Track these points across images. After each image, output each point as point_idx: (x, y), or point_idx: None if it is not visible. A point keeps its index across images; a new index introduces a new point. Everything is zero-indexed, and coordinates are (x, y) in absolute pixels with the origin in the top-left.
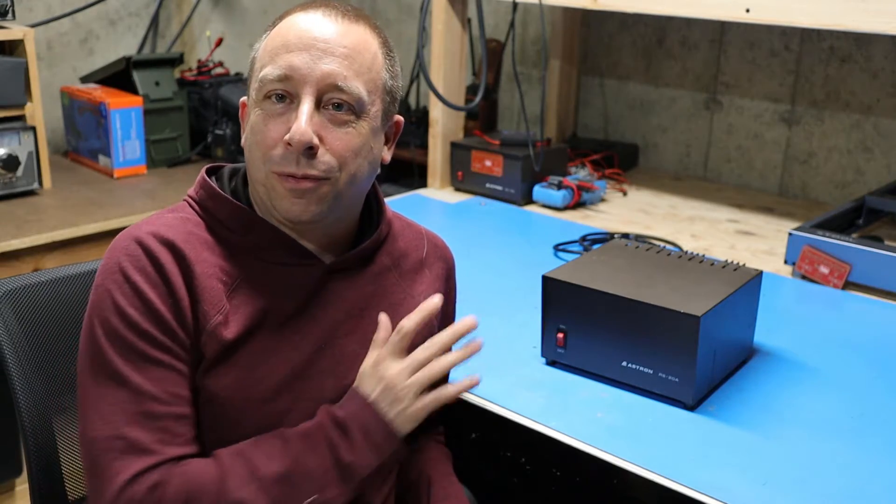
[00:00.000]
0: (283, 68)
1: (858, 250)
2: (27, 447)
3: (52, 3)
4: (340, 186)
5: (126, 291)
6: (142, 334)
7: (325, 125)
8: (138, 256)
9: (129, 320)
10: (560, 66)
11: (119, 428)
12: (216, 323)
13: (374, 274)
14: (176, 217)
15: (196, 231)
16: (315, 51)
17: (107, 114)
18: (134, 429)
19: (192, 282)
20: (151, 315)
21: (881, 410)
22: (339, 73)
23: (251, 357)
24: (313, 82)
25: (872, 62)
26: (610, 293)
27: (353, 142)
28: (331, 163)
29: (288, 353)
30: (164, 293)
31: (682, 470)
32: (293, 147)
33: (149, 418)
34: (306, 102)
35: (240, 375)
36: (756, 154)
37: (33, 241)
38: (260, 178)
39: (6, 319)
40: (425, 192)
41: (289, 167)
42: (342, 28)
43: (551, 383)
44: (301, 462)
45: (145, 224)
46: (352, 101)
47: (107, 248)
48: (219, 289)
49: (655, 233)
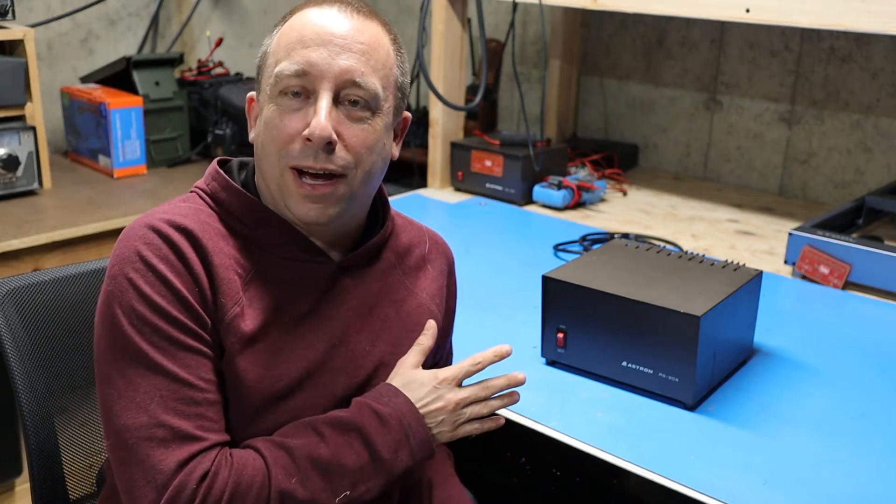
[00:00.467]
0: (300, 63)
1: (858, 250)
2: (28, 446)
3: (52, 3)
4: (356, 185)
5: (150, 279)
6: (172, 321)
7: (342, 121)
8: (158, 245)
9: (158, 308)
10: (560, 66)
11: (157, 416)
12: (234, 315)
13: (380, 271)
14: (189, 207)
15: (210, 221)
16: (333, 46)
17: (107, 114)
18: (172, 416)
19: (212, 272)
20: (180, 302)
21: (881, 410)
22: (357, 68)
23: (268, 354)
24: (331, 78)
25: (872, 62)
26: (610, 293)
27: (369, 138)
28: (347, 159)
29: (304, 351)
30: (189, 281)
31: (682, 470)
32: (313, 142)
33: (188, 404)
34: (325, 98)
35: (259, 371)
36: (756, 154)
37: (33, 241)
38: (275, 175)
39: (9, 319)
40: (425, 192)
41: (307, 161)
42: (358, 24)
43: (551, 383)
44: (339, 455)
45: (159, 212)
46: (368, 97)
47: (119, 238)
48: (235, 280)
49: (655, 233)
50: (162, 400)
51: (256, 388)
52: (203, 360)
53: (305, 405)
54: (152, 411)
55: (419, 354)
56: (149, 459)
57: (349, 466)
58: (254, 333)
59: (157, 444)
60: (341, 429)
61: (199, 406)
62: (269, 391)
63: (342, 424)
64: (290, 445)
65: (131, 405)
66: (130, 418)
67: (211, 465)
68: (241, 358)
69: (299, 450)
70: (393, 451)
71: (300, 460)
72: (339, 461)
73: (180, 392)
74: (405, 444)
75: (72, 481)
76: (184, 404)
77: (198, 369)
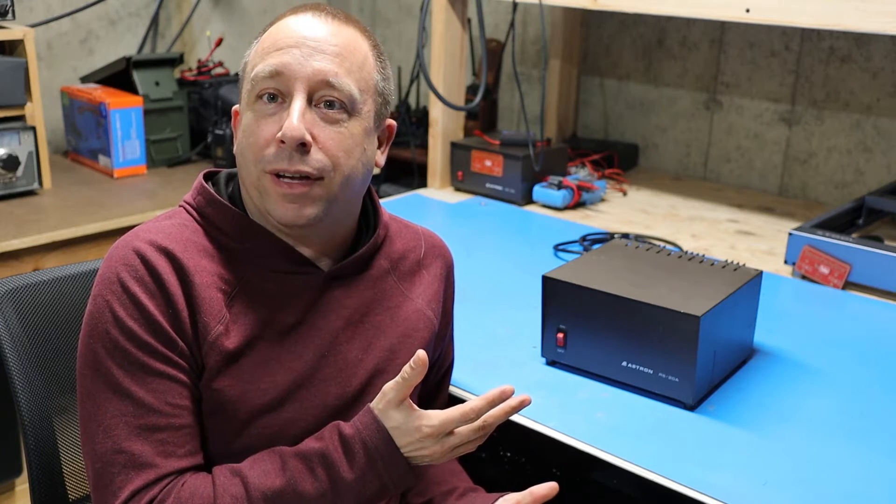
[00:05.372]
0: (273, 66)
1: (858, 250)
2: (28, 447)
3: (52, 3)
4: (335, 188)
5: (125, 303)
6: (142, 346)
7: (317, 123)
8: (136, 266)
9: (129, 332)
10: (560, 66)
11: (120, 442)
12: (217, 333)
13: (372, 278)
14: (173, 224)
15: (194, 238)
16: (306, 48)
17: (107, 114)
18: (136, 442)
19: (192, 292)
20: (150, 326)
21: (881, 410)
22: (331, 69)
23: (253, 367)
24: (304, 79)
25: (872, 62)
26: (610, 293)
27: (346, 141)
28: (324, 161)
29: (290, 363)
30: (162, 304)
31: (682, 470)
32: (286, 144)
33: (150, 430)
34: (298, 99)
35: (243, 386)
36: (756, 154)
37: (33, 241)
38: (252, 181)
39: (8, 319)
40: (425, 192)
41: (281, 164)
42: (332, 28)
43: (551, 383)
44: (296, 483)
45: (143, 232)
46: (343, 98)
47: (105, 255)
48: (218, 298)
49: (655, 233)
50: (126, 425)
51: (242, 402)
52: (172, 384)
53: (296, 416)
54: (116, 436)
55: (403, 389)
56: (110, 486)
57: (308, 494)
58: (239, 349)
59: (119, 471)
60: (305, 456)
61: (162, 432)
62: (256, 404)
63: (307, 453)
64: (246, 474)
65: (99, 430)
66: (98, 442)
67: (159, 492)
68: (226, 375)
69: (254, 479)
70: (359, 477)
71: (252, 490)
72: (295, 489)
73: (144, 418)
74: (367, 465)
75: (71, 481)
76: (147, 430)
77: (165, 394)
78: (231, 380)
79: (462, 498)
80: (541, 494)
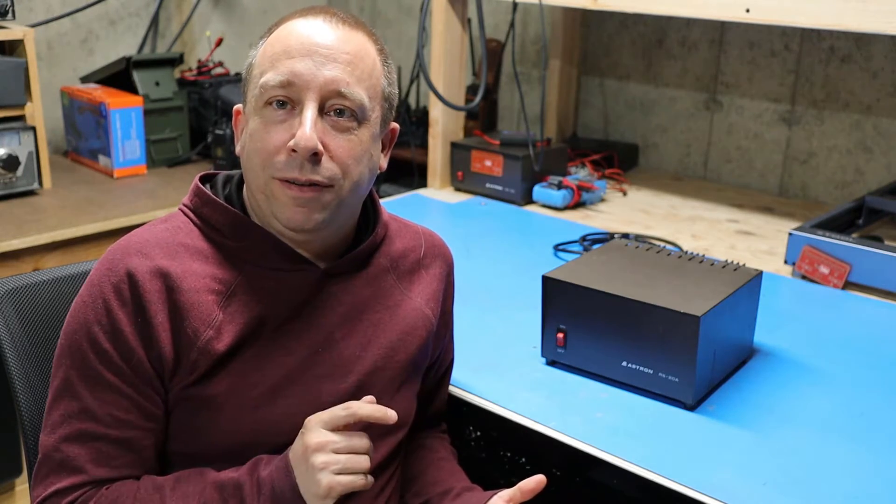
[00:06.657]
0: (285, 74)
1: (858, 250)
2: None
3: (52, 3)
4: (344, 194)
5: (98, 308)
6: (99, 353)
7: (327, 132)
8: (116, 272)
9: (92, 338)
10: (560, 66)
11: (60, 441)
12: (207, 338)
13: (371, 277)
14: (166, 228)
15: (187, 241)
16: (318, 56)
17: (107, 114)
18: (73, 445)
19: (178, 299)
20: (113, 335)
21: (881, 410)
22: (343, 79)
23: (244, 364)
24: (316, 88)
25: (872, 62)
26: (610, 293)
27: (356, 149)
28: (334, 170)
29: (281, 358)
30: (131, 312)
31: (682, 470)
32: (298, 154)
33: (87, 437)
34: (310, 108)
35: (232, 382)
36: (756, 154)
37: (33, 241)
38: (259, 185)
39: (8, 319)
40: (425, 192)
41: (292, 173)
42: (343, 35)
43: (551, 383)
44: None
45: (135, 237)
46: (354, 107)
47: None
48: (209, 301)
49: (655, 233)
50: (69, 427)
51: (230, 399)
52: (118, 398)
53: (288, 412)
54: (59, 434)
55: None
56: (42, 479)
57: None
58: (231, 349)
59: (53, 468)
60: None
61: (98, 441)
62: (244, 401)
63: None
64: (166, 494)
65: (48, 422)
66: (46, 435)
67: (79, 496)
68: (218, 375)
69: (174, 498)
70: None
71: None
72: None
73: (86, 423)
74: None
75: None
76: (85, 436)
77: (111, 406)
78: (221, 378)
79: (458, 498)
80: (529, 488)
